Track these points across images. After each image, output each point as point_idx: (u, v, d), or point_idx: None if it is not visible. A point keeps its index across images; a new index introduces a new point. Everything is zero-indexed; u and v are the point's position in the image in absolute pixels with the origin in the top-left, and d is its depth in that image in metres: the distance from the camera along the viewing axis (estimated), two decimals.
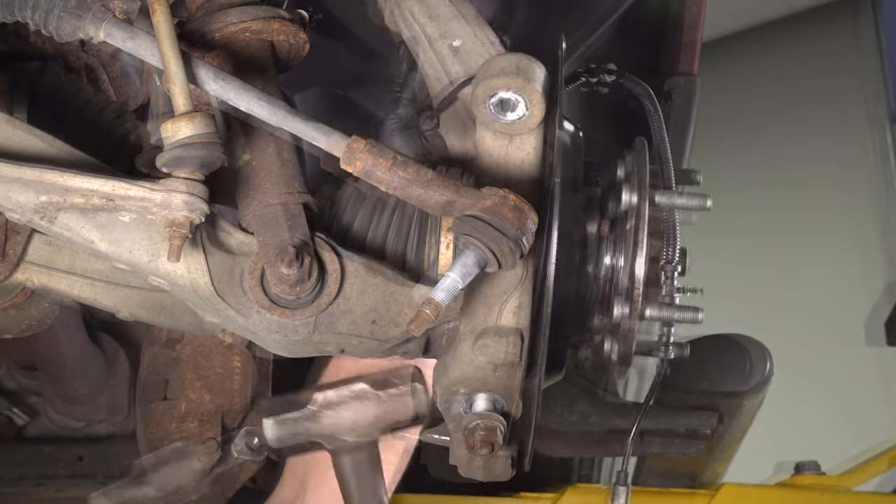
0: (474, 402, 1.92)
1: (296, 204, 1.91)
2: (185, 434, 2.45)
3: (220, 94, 1.81)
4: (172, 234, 1.73)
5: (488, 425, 1.89)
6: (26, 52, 2.15)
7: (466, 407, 1.92)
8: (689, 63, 3.64)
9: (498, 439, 1.89)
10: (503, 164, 1.88)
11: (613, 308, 1.97)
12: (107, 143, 2.13)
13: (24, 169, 1.74)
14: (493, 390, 1.91)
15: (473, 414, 1.91)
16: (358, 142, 1.77)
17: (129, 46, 1.79)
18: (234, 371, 2.47)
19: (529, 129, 1.87)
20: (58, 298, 2.18)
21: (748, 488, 4.06)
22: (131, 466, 3.51)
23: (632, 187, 1.97)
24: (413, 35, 2.13)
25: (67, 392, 3.32)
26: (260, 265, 1.87)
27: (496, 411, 1.91)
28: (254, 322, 1.87)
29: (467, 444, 1.91)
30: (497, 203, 1.72)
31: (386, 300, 1.90)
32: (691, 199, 1.99)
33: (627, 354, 1.99)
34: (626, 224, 1.98)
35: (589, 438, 4.10)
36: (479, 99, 1.85)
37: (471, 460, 2.00)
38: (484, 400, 1.91)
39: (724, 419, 3.91)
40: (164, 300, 2.06)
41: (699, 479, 4.35)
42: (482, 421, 1.90)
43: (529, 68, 1.85)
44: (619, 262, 1.99)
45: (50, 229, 1.80)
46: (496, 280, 1.87)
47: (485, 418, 1.90)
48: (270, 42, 2.02)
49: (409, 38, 2.14)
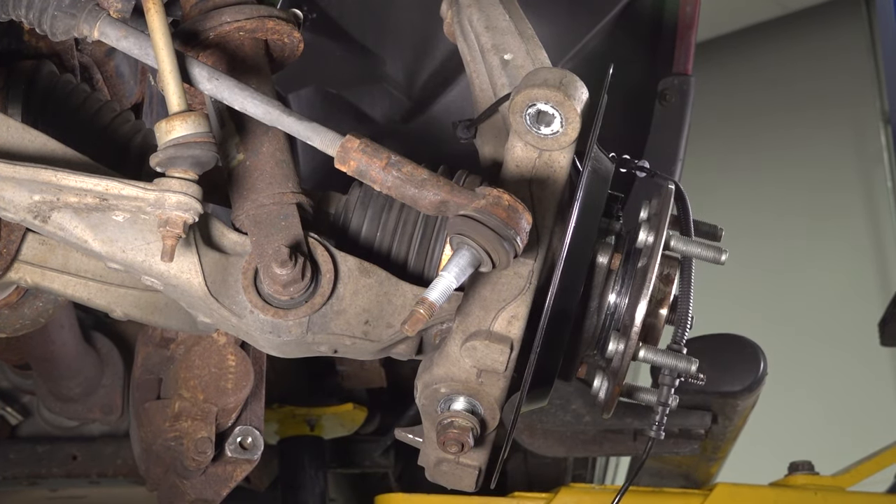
0: (453, 402, 1.91)
1: (289, 204, 1.91)
2: (179, 433, 2.44)
3: (214, 93, 1.81)
4: (166, 233, 1.73)
5: (462, 425, 1.89)
6: (20, 50, 2.15)
7: (444, 406, 1.92)
8: (683, 63, 3.65)
9: (469, 441, 1.89)
10: (527, 177, 1.88)
11: (609, 343, 1.96)
12: (107, 143, 2.13)
13: (17, 168, 1.74)
14: (474, 396, 1.90)
15: (450, 411, 1.91)
16: (352, 141, 1.77)
17: (124, 45, 1.79)
18: (229, 370, 2.47)
19: (561, 147, 1.86)
20: (51, 298, 2.18)
21: (742, 488, 4.06)
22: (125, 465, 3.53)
23: (650, 227, 1.96)
24: (468, 44, 2.13)
25: (61, 391, 3.32)
26: (253, 265, 1.87)
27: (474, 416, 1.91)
28: (247, 322, 1.87)
29: (438, 440, 1.91)
30: (491, 203, 1.72)
31: (379, 300, 1.90)
32: (707, 251, 1.98)
33: (614, 393, 1.99)
34: (637, 262, 1.98)
35: (583, 438, 4.11)
36: (516, 107, 1.84)
37: (439, 464, 2.00)
38: (463, 402, 1.91)
39: (717, 419, 3.91)
40: (157, 300, 2.06)
41: (693, 479, 4.36)
42: (457, 419, 1.89)
43: (572, 85, 1.84)
44: (624, 298, 1.98)
45: (43, 228, 1.80)
46: (497, 286, 1.86)
47: (461, 417, 1.89)
48: (265, 41, 2.02)
49: (463, 47, 2.15)
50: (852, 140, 10.15)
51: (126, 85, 2.41)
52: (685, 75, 3.62)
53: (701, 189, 3.56)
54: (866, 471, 4.26)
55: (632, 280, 1.98)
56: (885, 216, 9.79)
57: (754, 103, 10.55)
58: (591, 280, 1.98)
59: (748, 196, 10.14)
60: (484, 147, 2.09)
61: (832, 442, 7.91)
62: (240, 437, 2.56)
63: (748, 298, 9.72)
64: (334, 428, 4.16)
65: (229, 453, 2.55)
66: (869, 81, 9.96)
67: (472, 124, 2.09)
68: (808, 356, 9.39)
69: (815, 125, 10.23)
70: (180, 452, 2.44)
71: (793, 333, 9.30)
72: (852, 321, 9.02)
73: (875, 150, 9.88)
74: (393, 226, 1.97)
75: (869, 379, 9.37)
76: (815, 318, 9.67)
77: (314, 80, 3.54)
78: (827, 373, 9.54)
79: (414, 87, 3.56)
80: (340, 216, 2.02)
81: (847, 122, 10.18)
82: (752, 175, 10.35)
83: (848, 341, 9.25)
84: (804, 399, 9.35)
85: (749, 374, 3.79)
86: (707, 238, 2.07)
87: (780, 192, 10.18)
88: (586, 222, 1.91)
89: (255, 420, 2.58)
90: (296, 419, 4.09)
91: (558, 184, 1.89)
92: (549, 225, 1.89)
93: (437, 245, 1.96)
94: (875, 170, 9.89)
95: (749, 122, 10.50)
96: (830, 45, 10.38)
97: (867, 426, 8.51)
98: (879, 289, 9.48)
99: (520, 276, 1.86)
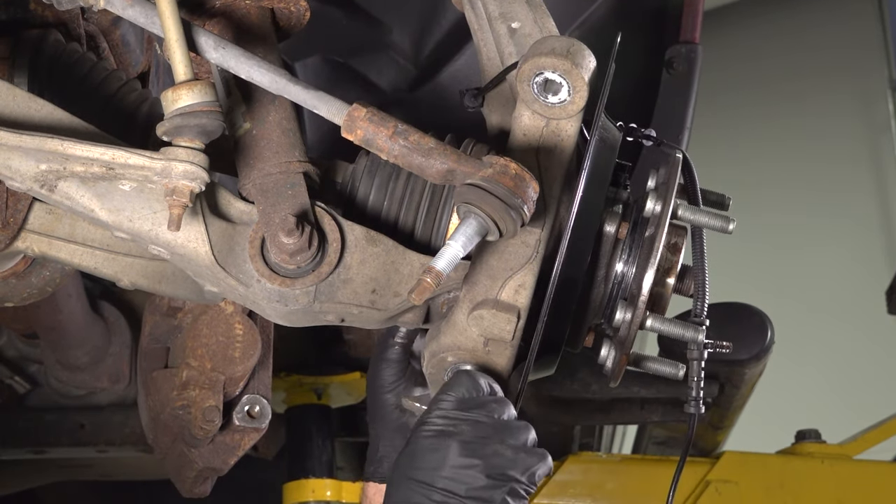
0: (459, 370, 1.91)
1: (296, 173, 1.91)
2: (187, 402, 2.45)
3: (220, 62, 1.80)
4: (172, 202, 1.72)
5: None
6: (26, 19, 2.15)
7: (450, 374, 1.92)
8: (691, 31, 3.64)
9: None
10: (534, 146, 1.87)
11: (616, 312, 1.96)
12: (113, 112, 2.12)
13: (24, 137, 1.73)
14: (481, 364, 1.91)
15: None
16: (359, 110, 1.76)
17: (130, 14, 1.78)
18: (236, 339, 2.47)
19: (568, 116, 1.86)
20: (58, 267, 2.18)
21: (749, 456, 4.07)
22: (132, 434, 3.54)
23: (658, 196, 1.95)
24: (475, 12, 2.12)
25: (69, 360, 3.33)
26: (260, 234, 1.86)
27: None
28: (254, 291, 1.87)
29: None
30: (498, 171, 1.72)
31: (386, 269, 1.90)
32: (715, 220, 1.97)
33: (621, 362, 1.98)
34: (645, 231, 1.97)
35: (590, 407, 4.12)
36: (524, 75, 1.83)
37: None
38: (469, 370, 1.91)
39: (725, 388, 3.92)
40: (164, 269, 2.06)
41: (700, 448, 4.37)
42: None
43: (580, 54, 1.83)
44: (632, 267, 1.98)
45: (50, 198, 1.80)
46: (505, 254, 1.86)
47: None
48: (271, 10, 2.01)
49: (470, 15, 2.13)
50: (859, 109, 10.12)
51: (132, 54, 2.40)
52: (693, 43, 3.61)
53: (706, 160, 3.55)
54: (873, 439, 4.28)
55: (639, 249, 1.97)
56: (891, 185, 9.77)
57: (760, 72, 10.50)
58: (599, 249, 1.98)
59: (752, 165, 10.11)
60: (491, 116, 2.08)
61: (839, 411, 7.91)
62: (247, 405, 2.56)
63: (754, 269, 9.71)
64: (341, 396, 4.17)
65: (237, 422, 2.55)
66: (876, 49, 9.92)
67: (479, 93, 2.08)
68: (815, 325, 9.39)
69: (821, 93, 10.20)
70: (188, 421, 2.44)
71: (800, 303, 9.30)
72: (859, 291, 9.01)
73: (882, 119, 9.85)
74: (400, 195, 1.97)
75: (876, 348, 9.37)
76: (822, 288, 9.67)
77: (320, 49, 3.53)
78: (834, 342, 9.54)
79: (421, 55, 3.55)
80: (347, 185, 2.01)
81: (854, 90, 10.14)
82: (756, 144, 10.31)
83: (855, 311, 9.24)
84: (811, 368, 9.35)
85: (756, 342, 3.79)
86: (715, 207, 2.06)
87: (786, 162, 10.15)
88: (593, 191, 1.90)
89: (262, 389, 2.59)
90: (303, 388, 4.09)
91: (565, 153, 1.89)
92: (556, 194, 1.89)
93: (444, 214, 1.96)
94: (882, 139, 9.86)
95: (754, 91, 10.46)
96: (838, 13, 10.33)
97: (874, 395, 8.52)
98: (886, 258, 9.48)
99: (527, 244, 1.86)
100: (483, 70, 2.10)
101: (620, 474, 4.01)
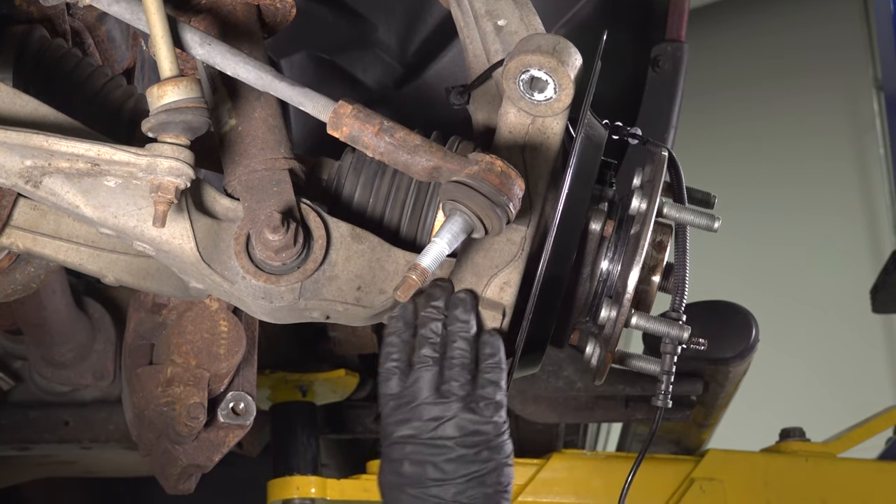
0: None
1: (282, 170, 1.91)
2: (171, 399, 2.44)
3: (206, 58, 1.80)
4: (158, 199, 1.72)
5: None
6: (12, 15, 2.14)
7: None
8: (676, 29, 3.64)
9: None
10: (520, 144, 1.88)
11: (601, 310, 1.96)
12: (98, 108, 2.12)
13: (8, 133, 1.73)
14: None
15: None
16: (344, 107, 1.76)
17: (115, 10, 1.78)
18: (221, 336, 2.47)
19: (554, 113, 1.87)
20: (43, 263, 2.18)
21: (733, 454, 4.07)
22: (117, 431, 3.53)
23: (643, 194, 1.96)
24: (461, 10, 2.12)
25: (53, 357, 3.32)
26: (245, 231, 1.86)
27: None
28: (239, 288, 1.87)
29: None
30: (483, 169, 1.72)
31: (372, 266, 1.90)
32: (700, 218, 1.97)
33: (606, 360, 1.98)
34: (630, 229, 1.97)
35: (575, 404, 4.11)
36: (510, 73, 1.84)
37: None
38: None
39: (709, 386, 3.92)
40: (149, 265, 2.06)
41: (684, 446, 4.37)
42: None
43: (566, 51, 1.84)
44: (617, 265, 1.98)
45: (35, 193, 1.79)
46: (490, 252, 1.87)
47: None
48: (257, 6, 2.01)
49: (456, 13, 2.13)
50: (844, 107, 10.14)
51: (117, 50, 2.40)
52: (679, 42, 3.61)
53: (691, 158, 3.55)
54: (857, 437, 4.28)
55: (624, 247, 1.97)
56: (877, 183, 9.79)
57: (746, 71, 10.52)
58: (584, 247, 1.98)
59: (739, 164, 10.13)
60: (477, 113, 2.08)
61: (823, 409, 7.93)
62: (232, 402, 2.55)
63: (739, 266, 9.73)
64: (326, 394, 4.16)
65: (221, 419, 2.54)
66: (861, 48, 9.93)
67: (465, 90, 2.08)
68: (799, 323, 9.40)
69: (807, 92, 10.21)
70: (172, 418, 2.43)
71: (784, 301, 9.32)
72: (844, 288, 9.03)
73: (867, 118, 9.86)
74: (385, 192, 1.97)
75: (860, 346, 9.40)
76: (807, 286, 9.68)
77: (306, 46, 3.53)
78: (818, 340, 9.56)
79: (406, 52, 3.55)
80: (333, 182, 2.01)
81: (839, 89, 10.16)
82: (743, 143, 10.33)
83: (840, 309, 9.27)
84: (796, 366, 9.37)
85: (741, 340, 3.79)
86: (700, 205, 2.06)
87: (772, 160, 10.17)
88: (579, 189, 1.90)
89: (247, 386, 2.58)
90: (288, 385, 4.09)
91: (551, 150, 1.89)
92: (541, 191, 1.89)
93: (430, 211, 1.96)
94: (867, 137, 9.87)
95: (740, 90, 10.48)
96: (823, 12, 10.35)
97: (858, 393, 8.54)
98: (871, 256, 9.49)
99: (512, 242, 1.86)
100: (469, 67, 2.10)
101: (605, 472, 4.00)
